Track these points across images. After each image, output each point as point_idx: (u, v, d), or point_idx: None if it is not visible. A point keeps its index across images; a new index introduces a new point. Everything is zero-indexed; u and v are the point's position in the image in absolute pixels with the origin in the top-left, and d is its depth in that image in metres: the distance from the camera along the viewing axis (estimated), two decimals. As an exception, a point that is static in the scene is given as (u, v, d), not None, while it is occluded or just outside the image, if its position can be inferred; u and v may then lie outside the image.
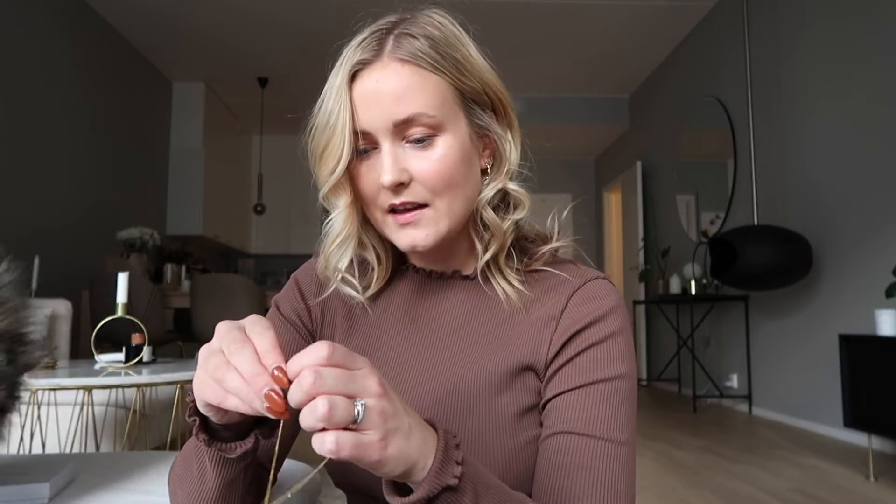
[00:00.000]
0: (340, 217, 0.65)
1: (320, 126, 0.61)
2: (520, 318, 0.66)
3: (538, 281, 0.67)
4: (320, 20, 4.94)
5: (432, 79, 0.59)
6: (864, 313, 3.14)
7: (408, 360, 0.68)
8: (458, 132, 0.61)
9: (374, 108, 0.59)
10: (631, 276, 6.31)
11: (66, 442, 2.01)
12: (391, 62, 0.59)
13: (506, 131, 0.66)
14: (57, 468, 0.86)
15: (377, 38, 0.60)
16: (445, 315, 0.69)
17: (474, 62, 0.62)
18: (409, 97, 0.58)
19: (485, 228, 0.66)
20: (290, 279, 0.76)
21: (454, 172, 0.61)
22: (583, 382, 0.61)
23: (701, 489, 2.45)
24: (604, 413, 0.59)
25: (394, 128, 0.59)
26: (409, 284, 0.71)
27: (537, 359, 0.63)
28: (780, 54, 4.01)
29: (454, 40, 0.62)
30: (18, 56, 3.97)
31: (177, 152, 6.22)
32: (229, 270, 7.65)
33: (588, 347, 0.62)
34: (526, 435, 0.62)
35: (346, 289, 0.68)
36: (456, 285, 0.70)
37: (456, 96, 0.61)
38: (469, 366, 0.65)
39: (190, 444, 0.58)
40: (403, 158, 0.60)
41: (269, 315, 0.75)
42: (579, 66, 5.99)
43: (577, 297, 0.64)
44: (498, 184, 0.65)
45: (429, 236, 0.62)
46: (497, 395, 0.63)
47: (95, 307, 4.02)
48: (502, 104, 0.65)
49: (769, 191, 4.10)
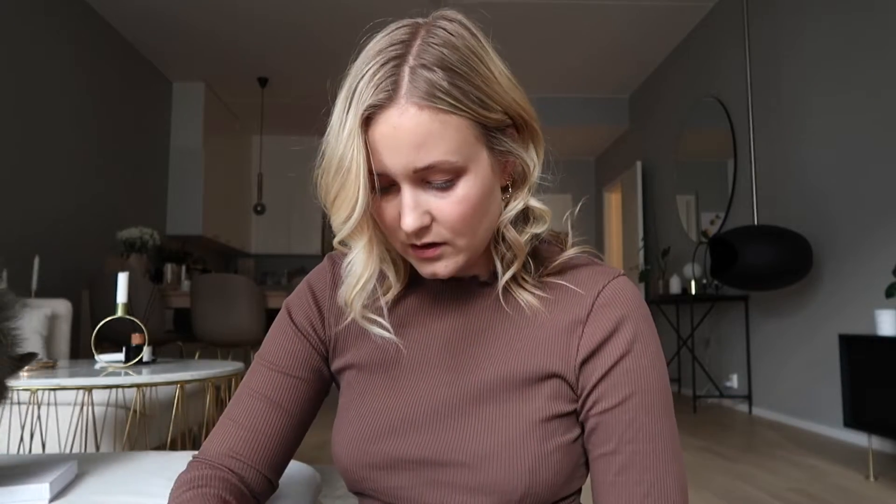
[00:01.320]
0: (360, 259, 0.63)
1: (331, 168, 0.58)
2: (542, 322, 0.65)
3: (557, 284, 0.66)
4: (320, 20, 4.94)
5: (453, 121, 0.56)
6: (864, 313, 3.14)
7: (430, 366, 0.67)
8: (479, 169, 0.59)
9: (392, 155, 0.56)
10: (631, 276, 6.28)
11: (66, 442, 2.01)
12: (409, 106, 0.54)
13: (528, 146, 0.64)
14: (57, 468, 0.86)
15: (390, 72, 0.55)
16: (468, 323, 0.68)
17: (495, 84, 0.58)
18: (430, 144, 0.55)
19: (504, 244, 0.65)
20: (303, 284, 0.74)
21: (475, 212, 0.59)
22: (620, 399, 0.61)
23: (701, 489, 2.45)
24: (647, 424, 0.61)
25: (413, 174, 0.57)
26: (427, 291, 0.70)
27: (565, 365, 0.63)
28: (780, 54, 4.01)
29: (474, 62, 0.57)
30: (19, 56, 3.97)
31: (177, 152, 6.23)
32: (229, 270, 7.65)
33: (618, 360, 0.62)
34: (554, 442, 0.62)
35: (375, 328, 0.66)
36: (474, 291, 0.69)
37: (477, 131, 0.58)
38: (493, 371, 0.64)
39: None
40: (424, 201, 0.58)
41: (279, 320, 0.73)
42: (579, 67, 5.99)
43: (601, 300, 0.64)
44: (519, 203, 0.64)
45: (448, 267, 0.62)
46: (523, 401, 0.62)
47: (95, 307, 4.02)
48: (524, 120, 0.63)
49: (769, 191, 4.10)
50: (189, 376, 1.83)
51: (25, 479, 0.81)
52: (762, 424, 3.91)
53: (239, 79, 6.20)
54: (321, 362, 0.72)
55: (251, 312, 4.12)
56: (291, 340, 0.71)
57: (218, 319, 4.12)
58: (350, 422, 0.67)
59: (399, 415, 0.65)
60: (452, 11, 0.61)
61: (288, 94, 6.38)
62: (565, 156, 9.07)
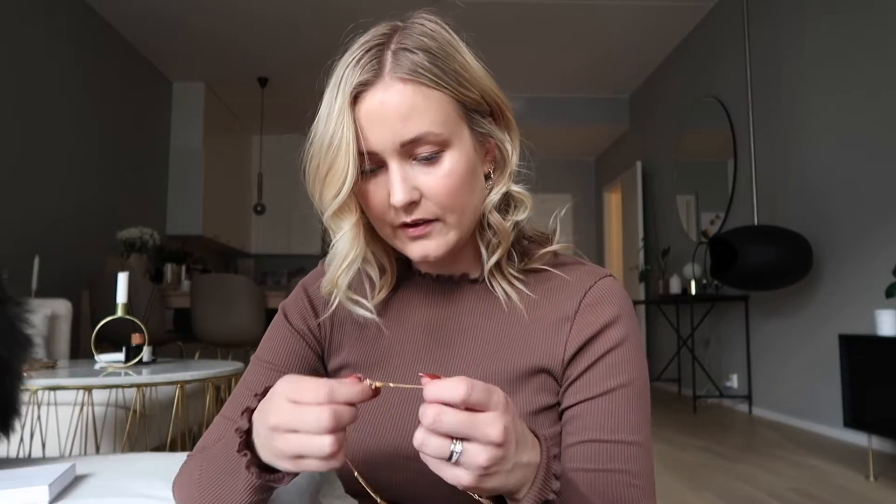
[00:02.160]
0: (346, 238, 0.65)
1: (321, 148, 0.61)
2: (530, 319, 0.67)
3: (541, 282, 0.68)
4: (320, 21, 4.94)
5: (435, 95, 0.59)
6: (864, 313, 3.14)
7: (421, 364, 0.68)
8: (462, 145, 0.62)
9: (380, 129, 0.59)
10: (631, 276, 6.31)
11: (66, 442, 2.01)
12: (393, 82, 0.58)
13: (505, 133, 0.66)
14: (56, 471, 0.86)
15: (374, 55, 0.59)
16: (457, 318, 0.69)
17: (472, 70, 0.62)
18: (415, 116, 0.58)
19: (490, 231, 0.67)
20: (298, 286, 0.76)
21: (462, 186, 0.61)
22: (602, 391, 0.63)
23: (701, 489, 2.45)
24: (623, 417, 0.62)
25: (401, 147, 0.59)
26: (418, 290, 0.72)
27: (552, 360, 0.65)
28: (780, 54, 4.01)
29: (450, 49, 0.61)
30: (19, 56, 3.97)
31: (177, 152, 6.22)
32: (229, 270, 7.65)
33: (604, 354, 0.64)
34: (541, 434, 0.63)
35: (358, 309, 0.68)
36: (464, 288, 0.70)
37: (458, 109, 0.61)
38: (484, 367, 0.66)
39: (219, 465, 0.58)
40: (412, 176, 0.60)
41: (276, 322, 0.75)
42: (579, 66, 5.99)
43: (589, 299, 0.66)
44: (502, 187, 0.66)
45: (440, 247, 0.63)
46: (512, 395, 0.63)
47: (95, 307, 4.02)
48: (500, 108, 0.65)
49: (769, 191, 4.10)
50: (189, 376, 1.83)
51: (24, 481, 0.81)
52: (762, 424, 3.91)
53: (239, 79, 6.19)
54: (317, 361, 0.73)
55: (251, 312, 4.12)
56: (288, 340, 0.72)
57: (218, 319, 4.12)
58: None
59: (391, 413, 0.66)
60: (428, 13, 0.64)
61: (288, 94, 6.37)
62: (565, 156, 9.04)
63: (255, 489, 0.55)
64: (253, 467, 0.53)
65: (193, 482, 0.61)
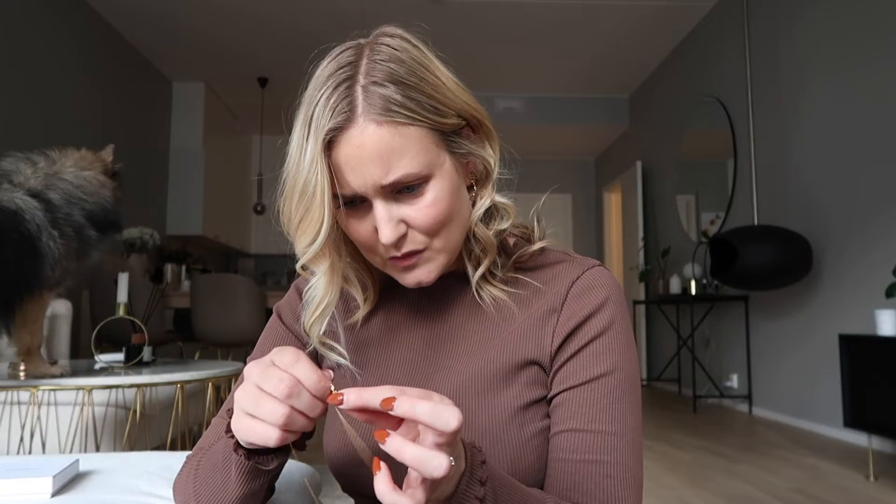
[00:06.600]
0: (322, 283, 0.65)
1: (294, 193, 0.60)
2: (520, 314, 0.67)
3: (530, 278, 0.68)
4: (320, 20, 4.95)
5: (411, 132, 0.57)
6: (864, 313, 3.15)
7: (411, 366, 0.68)
8: (444, 172, 0.60)
9: (358, 174, 0.57)
10: (631, 276, 6.31)
11: (66, 442, 2.01)
12: (368, 124, 0.56)
13: (485, 145, 0.65)
14: (61, 464, 0.87)
15: (344, 94, 0.57)
16: (444, 317, 0.70)
17: (445, 90, 0.60)
18: (394, 159, 0.57)
19: (475, 241, 0.67)
20: (291, 288, 0.76)
21: (447, 211, 0.61)
22: (586, 379, 0.63)
23: (701, 489, 2.46)
24: (607, 407, 0.62)
25: (381, 189, 0.58)
26: (403, 295, 0.72)
27: (541, 352, 0.65)
28: (779, 54, 4.01)
29: (421, 71, 0.59)
30: (18, 56, 3.97)
31: (177, 152, 6.22)
32: (229, 270, 7.65)
33: (589, 342, 0.63)
34: (533, 427, 0.63)
35: (332, 354, 0.69)
36: (448, 291, 0.70)
37: (436, 138, 0.59)
38: (473, 363, 0.66)
39: (213, 458, 0.59)
40: (397, 212, 0.60)
41: (271, 323, 0.76)
42: (579, 66, 5.99)
43: (576, 288, 0.66)
44: (486, 200, 0.66)
45: (431, 272, 0.64)
46: (502, 390, 0.64)
47: (95, 307, 4.02)
48: (477, 120, 0.64)
49: (769, 191, 4.10)
50: (189, 376, 1.84)
51: (29, 471, 0.82)
52: (762, 424, 3.91)
53: (239, 79, 6.20)
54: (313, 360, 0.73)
55: (251, 312, 4.12)
56: (283, 339, 0.73)
57: (218, 319, 4.12)
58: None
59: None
60: (392, 27, 0.62)
61: (288, 94, 6.29)
62: (565, 156, 9.04)
63: (248, 474, 0.55)
64: (240, 449, 0.54)
65: (191, 478, 0.62)
